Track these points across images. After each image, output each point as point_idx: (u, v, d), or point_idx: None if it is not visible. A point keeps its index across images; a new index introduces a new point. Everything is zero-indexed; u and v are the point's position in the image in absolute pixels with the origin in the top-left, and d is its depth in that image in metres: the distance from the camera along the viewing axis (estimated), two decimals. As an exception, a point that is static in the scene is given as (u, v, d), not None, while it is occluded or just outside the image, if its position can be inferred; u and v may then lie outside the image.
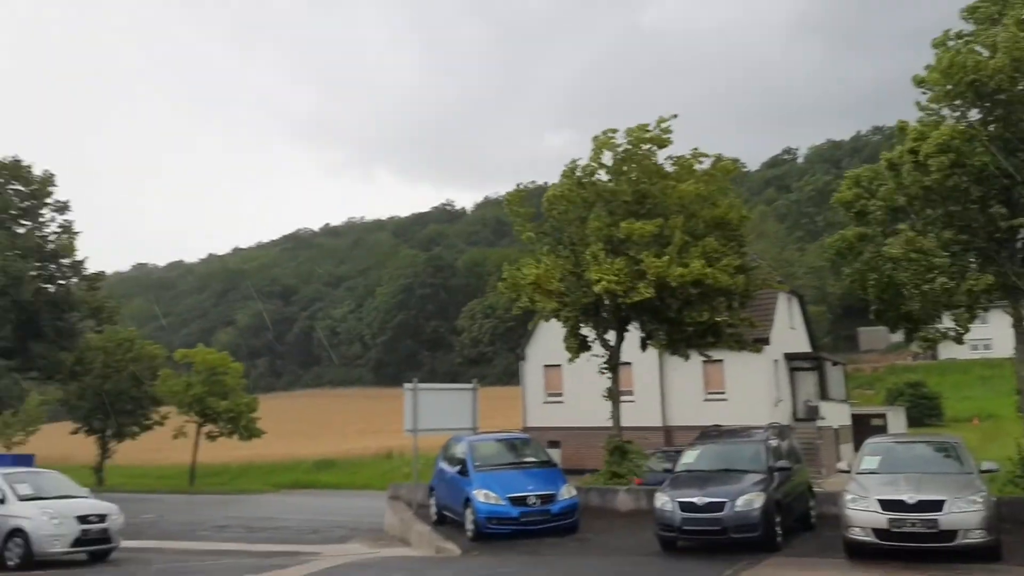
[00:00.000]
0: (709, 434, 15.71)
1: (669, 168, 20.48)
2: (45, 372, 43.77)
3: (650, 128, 20.32)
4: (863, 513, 11.62)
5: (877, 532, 11.41)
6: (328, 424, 77.75)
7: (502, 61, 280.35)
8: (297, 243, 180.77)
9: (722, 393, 31.13)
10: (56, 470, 19.18)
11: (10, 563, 14.89)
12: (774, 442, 14.50)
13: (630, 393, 29.65)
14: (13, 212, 42.47)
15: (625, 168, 20.36)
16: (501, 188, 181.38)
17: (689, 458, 14.57)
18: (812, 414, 32.55)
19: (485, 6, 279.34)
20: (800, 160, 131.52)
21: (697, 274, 18.21)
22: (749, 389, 30.20)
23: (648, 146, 20.30)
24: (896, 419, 40.33)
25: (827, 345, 62.40)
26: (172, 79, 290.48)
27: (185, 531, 21.32)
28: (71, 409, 47.55)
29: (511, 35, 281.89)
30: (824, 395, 33.85)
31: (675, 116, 20.41)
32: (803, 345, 36.07)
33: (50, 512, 15.18)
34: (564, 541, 14.85)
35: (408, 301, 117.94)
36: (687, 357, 21.76)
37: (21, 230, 42.66)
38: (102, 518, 15.72)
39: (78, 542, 15.25)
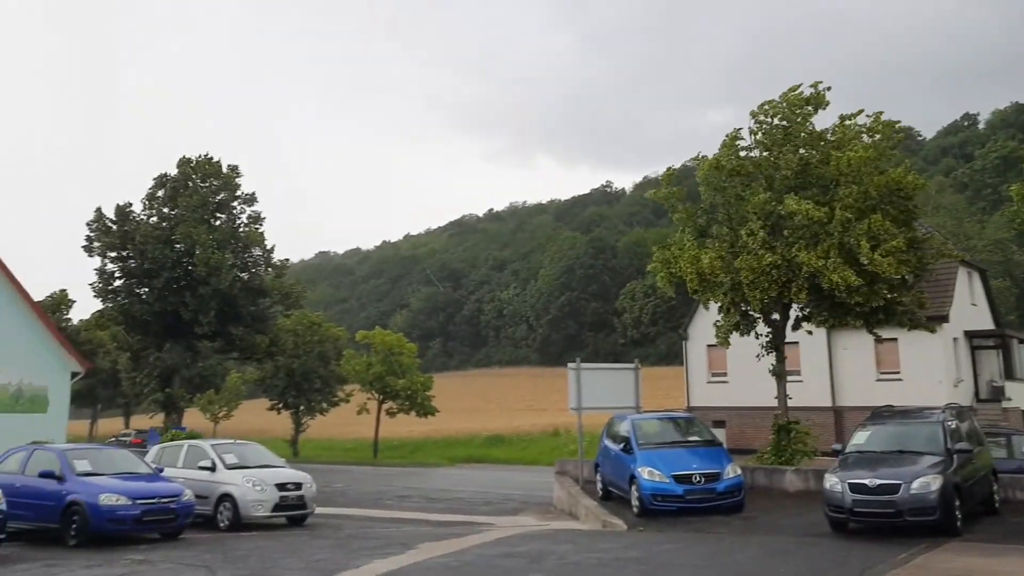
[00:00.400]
0: (881, 414, 15.19)
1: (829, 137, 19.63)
2: (244, 353, 47.98)
3: (803, 90, 19.58)
4: (1052, 498, 11.01)
5: (1068, 519, 10.80)
6: (498, 402, 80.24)
7: (658, 37, 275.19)
8: (463, 228, 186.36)
9: (896, 373, 29.65)
10: (256, 442, 21.22)
11: (221, 525, 16.62)
12: (952, 423, 13.86)
13: (797, 373, 28.91)
14: (209, 207, 46.60)
15: (783, 136, 19.64)
16: (661, 167, 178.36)
17: (860, 439, 14.17)
18: (996, 395, 30.49)
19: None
20: (981, 126, 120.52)
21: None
22: (925, 369, 28.60)
23: (803, 109, 19.49)
24: (1095, 400, 36.78)
25: (1013, 322, 57.45)
26: (342, 75, 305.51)
27: (371, 500, 22.83)
28: (267, 388, 51.89)
29: (667, 8, 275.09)
30: (1010, 375, 31.54)
31: (828, 88, 19.69)
32: (986, 322, 33.73)
33: (253, 480, 16.77)
34: (730, 519, 14.86)
35: (570, 283, 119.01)
36: (859, 327, 20.92)
37: (216, 222, 46.76)
38: (298, 486, 17.18)
39: (278, 507, 16.75)
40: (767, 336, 20.56)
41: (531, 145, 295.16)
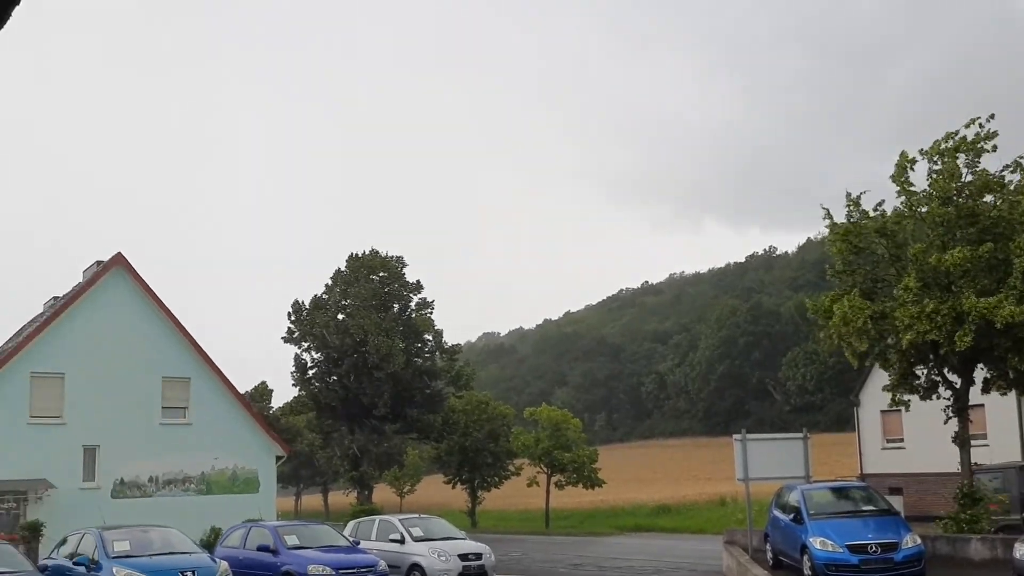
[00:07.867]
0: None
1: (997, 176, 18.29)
2: (420, 433, 50.89)
3: (963, 134, 18.33)
4: None
5: None
6: (662, 472, 79.18)
7: (826, 89, 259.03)
8: (621, 303, 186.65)
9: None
10: (438, 515, 22.67)
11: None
12: None
13: (983, 436, 27.36)
14: (379, 297, 50.25)
15: (936, 188, 18.44)
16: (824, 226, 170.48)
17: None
18: None
19: (802, 31, 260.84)
20: None
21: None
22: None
23: (967, 155, 18.28)
24: None
25: None
26: (495, 148, 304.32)
27: (546, 569, 23.59)
28: (442, 464, 54.47)
29: (836, 57, 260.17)
30: None
31: (992, 116, 18.24)
32: None
33: (438, 551, 18.23)
34: (909, 589, 14.64)
35: (731, 352, 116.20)
36: None
37: (388, 312, 50.26)
38: (479, 556, 18.50)
39: (461, 576, 18.07)
40: (948, 400, 19.79)
41: (699, 210, 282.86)
